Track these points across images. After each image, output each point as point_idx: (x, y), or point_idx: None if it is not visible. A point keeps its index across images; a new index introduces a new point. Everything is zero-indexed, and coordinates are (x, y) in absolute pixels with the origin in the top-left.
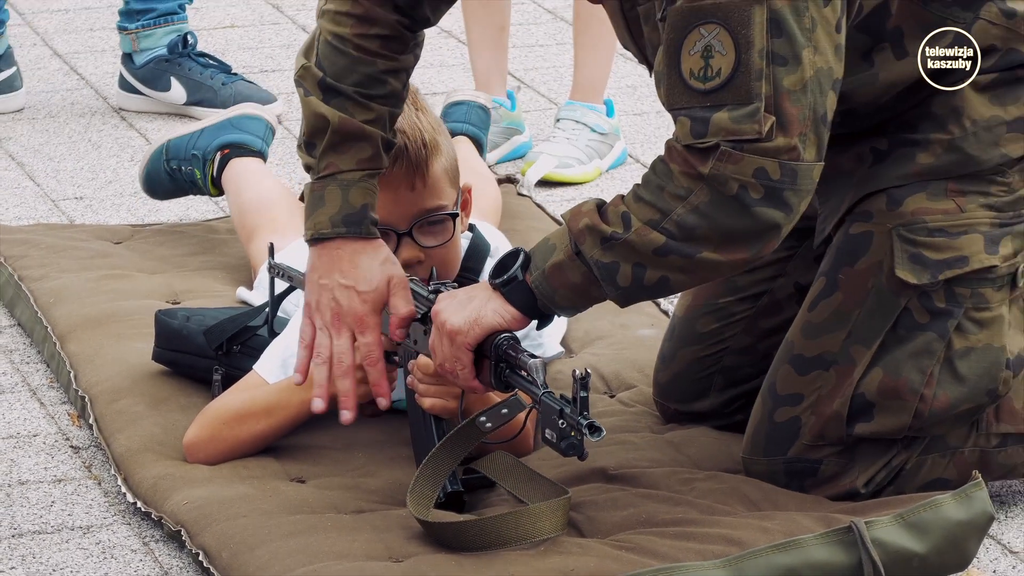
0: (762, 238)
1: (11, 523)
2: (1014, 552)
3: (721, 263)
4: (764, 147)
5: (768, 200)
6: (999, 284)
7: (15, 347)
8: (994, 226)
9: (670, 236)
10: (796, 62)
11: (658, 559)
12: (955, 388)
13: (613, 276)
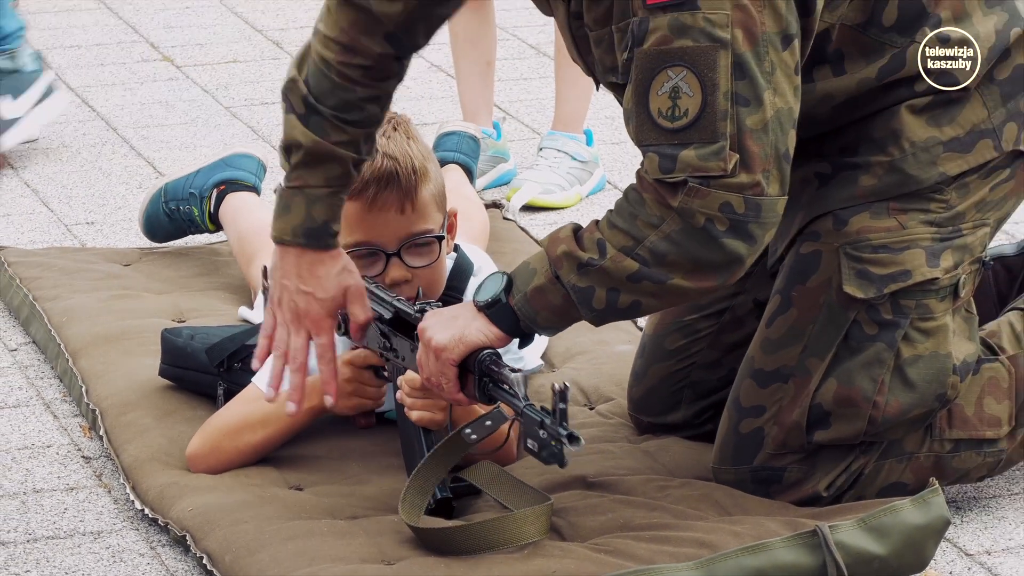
0: (729, 268)
1: (26, 529)
2: (969, 554)
3: (690, 290)
4: (729, 183)
5: (734, 232)
6: (942, 295)
7: (30, 363)
8: (935, 241)
9: (643, 263)
10: (758, 103)
11: (635, 561)
12: (906, 394)
13: (589, 300)
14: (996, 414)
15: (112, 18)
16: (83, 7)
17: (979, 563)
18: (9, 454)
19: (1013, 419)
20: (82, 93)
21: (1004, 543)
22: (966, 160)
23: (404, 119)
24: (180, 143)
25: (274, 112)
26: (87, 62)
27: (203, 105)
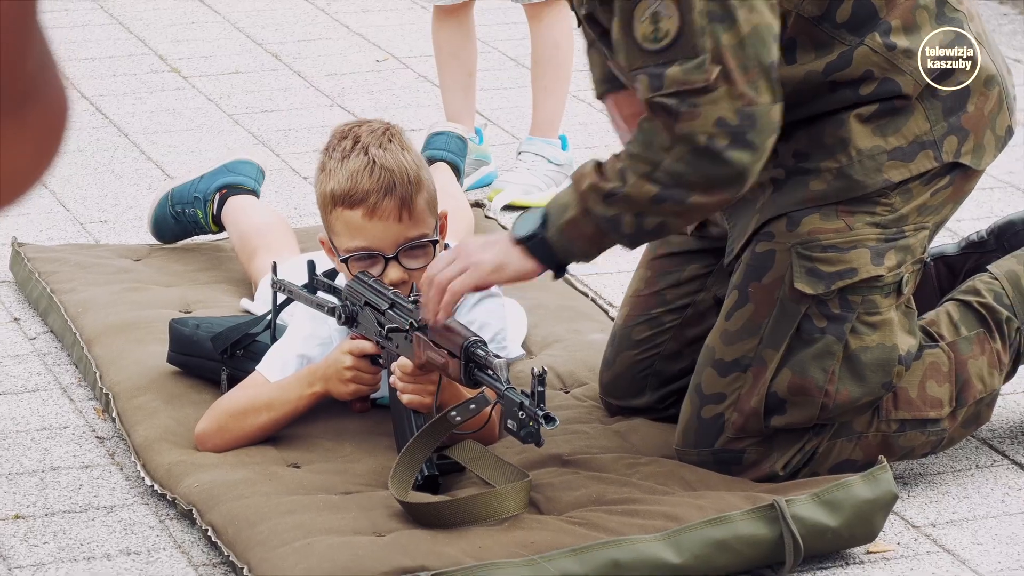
0: (739, 179)
1: (44, 504)
2: (915, 526)
3: (708, 204)
4: (715, 97)
5: (735, 144)
6: (887, 291)
7: (48, 351)
8: (879, 241)
9: (663, 185)
10: (732, 21)
11: (607, 533)
12: (854, 384)
13: (618, 226)
14: (938, 396)
15: (123, 32)
16: (96, 22)
17: (924, 534)
18: (28, 435)
19: (953, 400)
20: (95, 102)
21: (948, 516)
22: (908, 169)
23: (397, 130)
24: (186, 148)
25: (272, 119)
26: (100, 73)
27: (208, 113)
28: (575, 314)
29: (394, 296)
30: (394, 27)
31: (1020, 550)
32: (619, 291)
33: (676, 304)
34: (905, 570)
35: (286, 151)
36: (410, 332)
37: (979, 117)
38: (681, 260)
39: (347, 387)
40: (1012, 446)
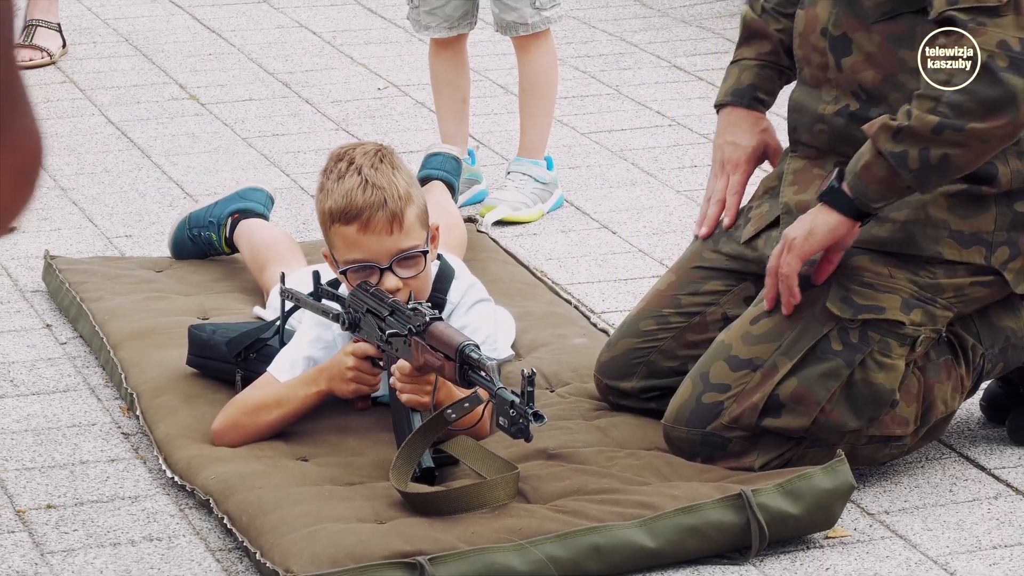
0: (1012, 103)
1: (74, 494)
2: (871, 514)
3: (985, 131)
4: (1002, 21)
5: (1013, 68)
6: (903, 341)
7: (77, 354)
8: (912, 297)
9: (943, 116)
10: None
11: (588, 520)
12: (847, 410)
13: (905, 161)
14: (906, 416)
15: (147, 63)
16: (122, 54)
17: (879, 521)
18: (60, 431)
19: (918, 420)
20: (121, 127)
21: (900, 504)
22: (960, 253)
23: (389, 151)
24: (204, 168)
25: (282, 142)
26: (125, 100)
27: (223, 136)
28: (560, 320)
29: (394, 304)
30: (393, 58)
31: (967, 535)
32: (600, 299)
33: (687, 310)
34: (861, 554)
35: (295, 171)
36: (408, 337)
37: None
38: (706, 275)
39: (349, 386)
40: (959, 440)
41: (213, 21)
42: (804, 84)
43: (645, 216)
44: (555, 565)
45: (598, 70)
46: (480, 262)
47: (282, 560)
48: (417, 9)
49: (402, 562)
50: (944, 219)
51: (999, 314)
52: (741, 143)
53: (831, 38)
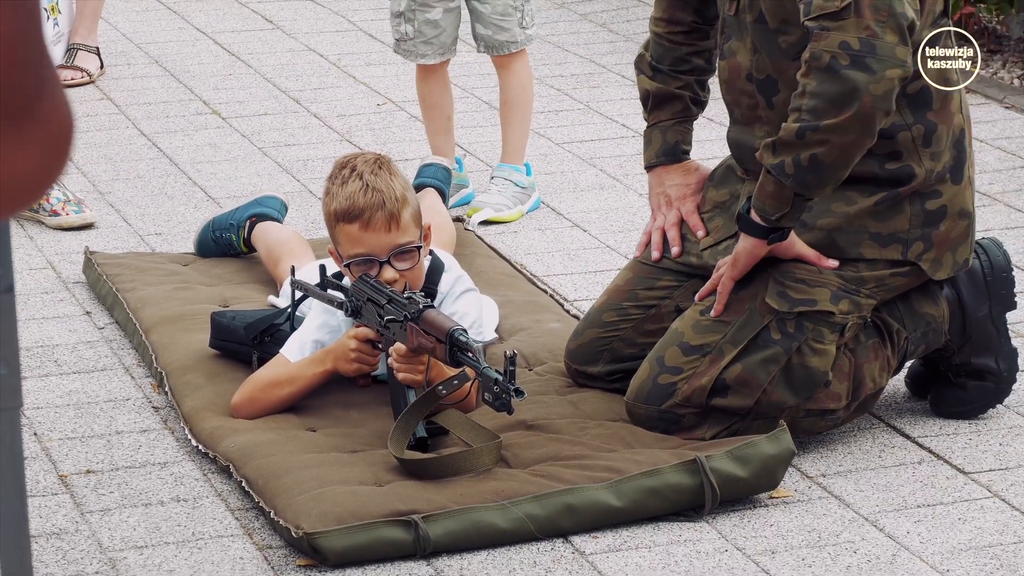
0: (855, 96)
1: (110, 460)
2: (809, 477)
3: (840, 124)
4: (844, 24)
5: (853, 65)
6: (833, 328)
7: (113, 338)
8: (840, 289)
9: (803, 121)
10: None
11: (562, 483)
12: (786, 391)
13: (783, 170)
14: (839, 391)
15: (175, 83)
16: (152, 74)
17: (817, 483)
18: (98, 405)
19: (849, 395)
20: (152, 138)
21: (835, 468)
22: (880, 252)
23: (386, 159)
24: (225, 175)
25: (294, 151)
26: (156, 115)
27: (242, 147)
28: (537, 307)
29: (391, 293)
30: (391, 78)
31: (893, 495)
32: (572, 289)
33: (644, 303)
34: (801, 512)
35: (305, 177)
36: (404, 322)
37: (945, 238)
38: (659, 272)
39: (352, 366)
40: (887, 412)
41: (233, 45)
42: (737, 124)
43: (612, 216)
44: (533, 522)
45: (570, 88)
46: (467, 257)
47: (293, 518)
48: (411, 41)
49: (399, 520)
50: (864, 224)
51: (921, 302)
52: (683, 182)
53: (757, 82)
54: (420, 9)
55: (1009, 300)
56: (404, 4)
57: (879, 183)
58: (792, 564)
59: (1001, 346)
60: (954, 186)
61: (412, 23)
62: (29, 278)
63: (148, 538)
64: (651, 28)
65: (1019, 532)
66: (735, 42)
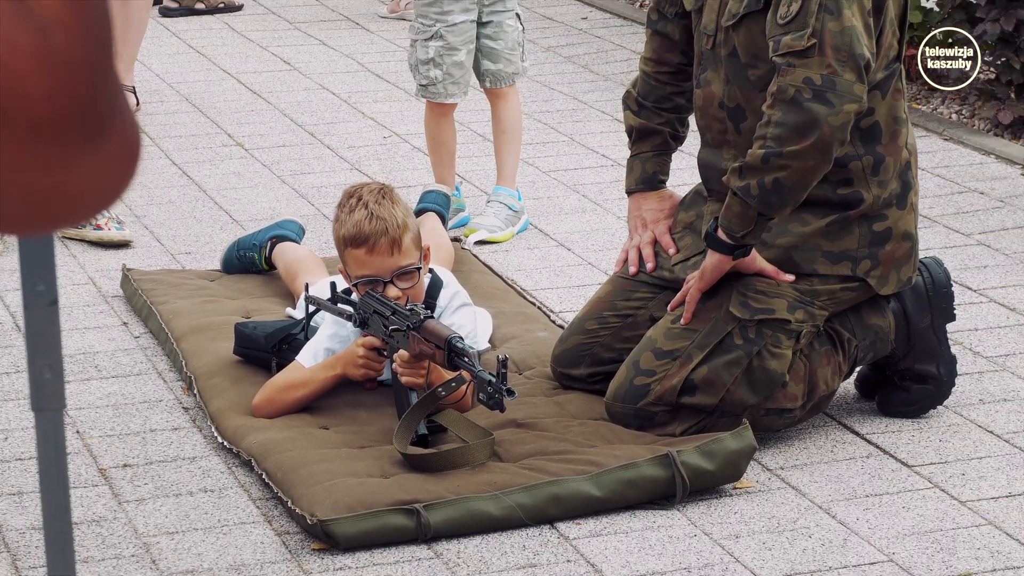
0: (815, 125)
1: (145, 455)
2: (769, 469)
3: (802, 151)
4: (808, 61)
5: (815, 99)
6: (790, 335)
7: (148, 346)
8: (796, 300)
9: (768, 147)
10: (839, 14)
11: (549, 475)
12: (747, 390)
13: (749, 192)
14: (795, 393)
15: (203, 118)
16: (183, 110)
17: (776, 475)
18: (134, 406)
19: (805, 396)
20: (182, 167)
21: (792, 461)
22: (831, 268)
23: (389, 189)
24: (248, 200)
25: (309, 179)
26: (186, 147)
27: (263, 175)
28: (526, 318)
29: (395, 306)
30: (396, 113)
31: (844, 486)
32: (558, 301)
33: (622, 313)
34: (762, 501)
35: (319, 202)
36: (407, 331)
37: (890, 257)
38: (635, 285)
39: (359, 371)
40: (839, 412)
41: (254, 84)
42: (707, 146)
43: (593, 236)
44: (523, 511)
45: (556, 123)
46: (464, 273)
47: (308, 507)
48: (441, 83)
49: (403, 508)
50: (817, 243)
51: (870, 314)
52: (658, 207)
53: (728, 109)
54: (448, 54)
55: (949, 312)
56: (433, 51)
57: (832, 206)
58: (754, 547)
59: (942, 354)
60: (899, 211)
61: (441, 67)
62: (72, 292)
63: (178, 525)
64: (640, 67)
65: (957, 519)
66: (710, 73)
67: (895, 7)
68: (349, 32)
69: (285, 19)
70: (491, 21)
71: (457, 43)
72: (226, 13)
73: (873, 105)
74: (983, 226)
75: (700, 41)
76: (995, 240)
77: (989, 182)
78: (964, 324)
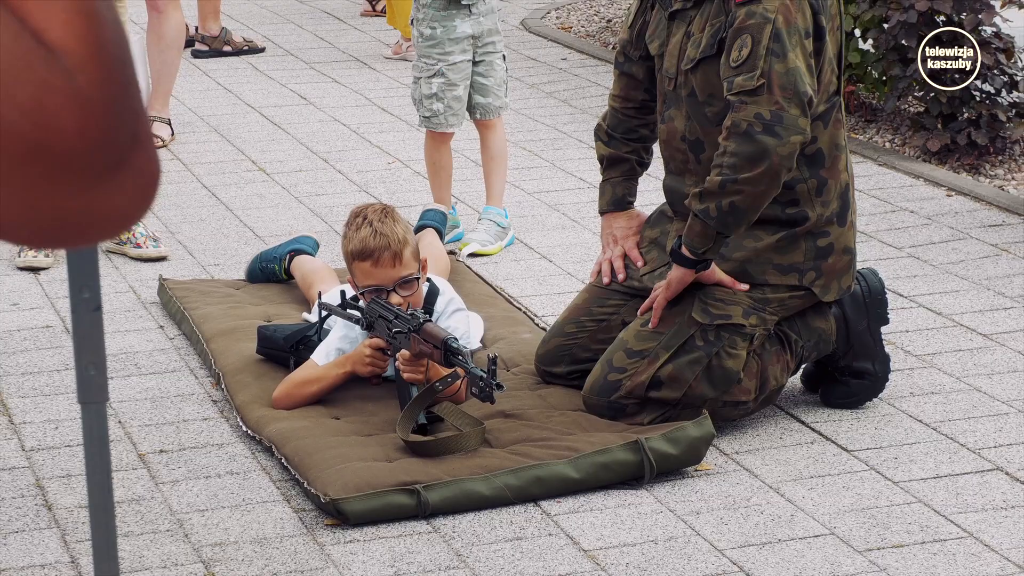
0: (766, 155)
1: (178, 442)
2: (726, 454)
3: (754, 178)
4: (758, 99)
5: (765, 131)
6: (745, 337)
7: (181, 346)
8: (750, 307)
9: (724, 175)
10: (784, 57)
11: (533, 459)
12: (707, 386)
13: (708, 214)
14: (748, 387)
15: (229, 146)
16: (212, 140)
17: (732, 459)
18: (168, 399)
19: (757, 390)
20: (212, 189)
21: (747, 447)
22: (781, 279)
23: (391, 208)
24: (269, 218)
25: (323, 200)
26: (215, 171)
27: (282, 196)
28: (514, 321)
29: (397, 311)
30: (399, 142)
31: (791, 468)
32: (541, 307)
33: (597, 317)
34: (719, 482)
35: (331, 220)
36: (408, 333)
37: (832, 269)
38: (608, 293)
39: (367, 368)
40: (787, 403)
41: (275, 117)
42: (671, 173)
43: (572, 250)
44: (510, 491)
45: (539, 150)
46: (458, 282)
47: (322, 488)
48: (443, 115)
49: (405, 488)
50: (768, 256)
51: (814, 319)
52: (627, 225)
53: (689, 142)
54: (448, 89)
55: (883, 317)
56: (436, 87)
57: (781, 224)
58: (712, 522)
59: (877, 353)
60: (840, 228)
61: (443, 101)
62: (115, 299)
63: (208, 503)
64: (610, 102)
65: (891, 498)
66: (673, 110)
67: (833, 47)
68: (358, 71)
69: (302, 60)
70: (483, 60)
71: (456, 80)
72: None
73: (816, 134)
74: (913, 241)
75: (663, 83)
76: (923, 253)
77: (918, 202)
78: (896, 327)
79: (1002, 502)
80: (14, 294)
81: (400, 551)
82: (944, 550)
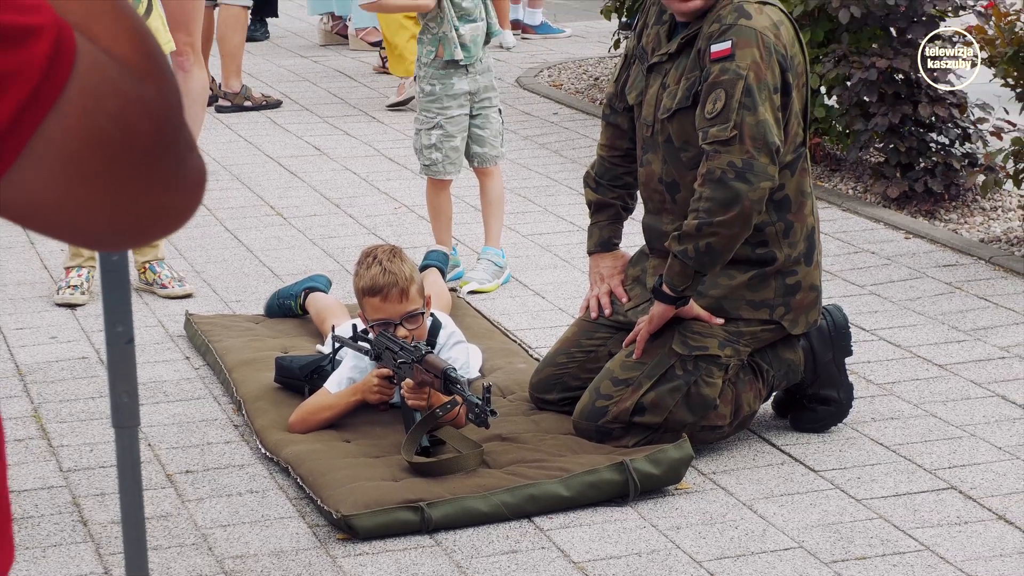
0: (738, 199)
1: (202, 463)
2: (704, 474)
3: (728, 220)
4: (731, 149)
5: (738, 178)
6: (720, 367)
7: (205, 376)
8: (725, 339)
9: (701, 218)
10: (755, 110)
11: (527, 479)
12: (686, 413)
13: (686, 254)
14: (724, 413)
15: (249, 192)
16: (234, 187)
17: (709, 479)
18: (194, 424)
19: (732, 416)
20: (234, 232)
21: (723, 467)
22: (754, 314)
23: (399, 249)
24: (286, 258)
25: (336, 242)
26: (237, 216)
27: (298, 239)
28: (510, 353)
29: (403, 343)
30: (404, 189)
31: (763, 487)
32: (535, 340)
33: (586, 349)
34: (698, 499)
35: (343, 260)
36: (412, 363)
37: (800, 305)
38: (596, 327)
39: (375, 396)
40: (759, 428)
41: (291, 166)
42: (650, 213)
43: (563, 288)
44: (506, 508)
45: (533, 196)
46: (459, 316)
47: (334, 505)
48: (441, 164)
49: (410, 506)
50: (741, 293)
51: (784, 350)
52: (612, 264)
53: (665, 184)
54: (446, 140)
55: (847, 348)
56: (435, 138)
57: (751, 263)
58: (691, 536)
59: (841, 382)
60: (807, 267)
61: (441, 151)
62: (145, 333)
63: (230, 519)
64: (597, 151)
65: (854, 514)
66: (651, 155)
67: (799, 102)
68: (367, 124)
69: (316, 114)
70: (480, 114)
71: (454, 132)
72: (268, 109)
73: (783, 181)
74: (874, 279)
75: (642, 130)
76: (883, 291)
77: (879, 244)
78: (859, 358)
79: (956, 518)
80: (53, 328)
81: (405, 563)
82: (903, 562)
